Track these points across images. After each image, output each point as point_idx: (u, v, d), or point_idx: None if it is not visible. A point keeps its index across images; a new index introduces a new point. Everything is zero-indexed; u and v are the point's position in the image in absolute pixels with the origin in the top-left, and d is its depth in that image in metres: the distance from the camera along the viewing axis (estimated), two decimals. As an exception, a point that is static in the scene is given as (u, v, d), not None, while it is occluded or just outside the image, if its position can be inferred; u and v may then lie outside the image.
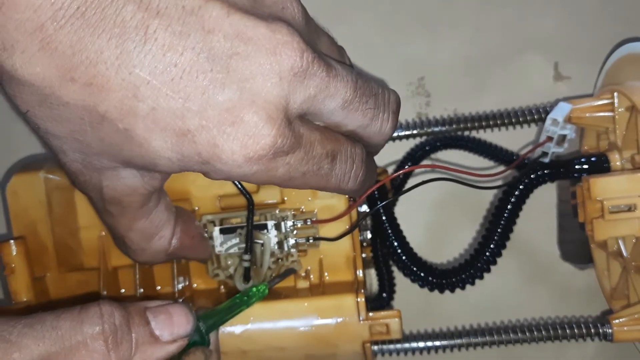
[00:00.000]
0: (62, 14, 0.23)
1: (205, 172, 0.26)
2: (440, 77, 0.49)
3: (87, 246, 0.43)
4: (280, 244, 0.41)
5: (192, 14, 0.23)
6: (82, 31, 0.23)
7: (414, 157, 0.50)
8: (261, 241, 0.41)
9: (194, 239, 0.38)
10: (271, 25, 0.24)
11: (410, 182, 0.49)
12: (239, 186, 0.40)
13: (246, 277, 0.40)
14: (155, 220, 0.33)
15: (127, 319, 0.27)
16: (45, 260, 0.43)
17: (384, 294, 0.48)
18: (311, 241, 0.41)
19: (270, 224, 0.41)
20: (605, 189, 0.40)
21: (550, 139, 0.44)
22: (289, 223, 0.41)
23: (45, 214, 0.43)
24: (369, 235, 0.48)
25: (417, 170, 0.49)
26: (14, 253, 0.42)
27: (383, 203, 0.45)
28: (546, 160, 0.45)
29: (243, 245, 0.40)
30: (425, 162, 0.49)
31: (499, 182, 0.44)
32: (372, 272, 0.49)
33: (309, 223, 0.41)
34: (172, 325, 0.28)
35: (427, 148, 0.50)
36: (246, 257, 0.40)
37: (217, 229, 0.41)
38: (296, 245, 0.41)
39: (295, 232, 0.41)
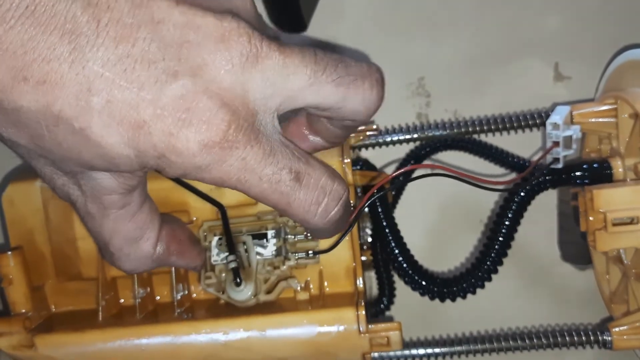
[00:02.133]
0: (11, 15, 0.23)
1: (162, 168, 0.26)
2: (440, 77, 0.48)
3: (85, 256, 0.43)
4: (279, 250, 0.41)
5: (141, 6, 0.24)
6: (33, 29, 0.23)
7: (417, 156, 0.50)
8: (243, 240, 0.40)
9: (182, 244, 0.37)
10: (218, 14, 0.25)
11: (412, 184, 0.48)
12: (209, 197, 0.40)
13: (236, 279, 0.39)
14: (139, 222, 0.32)
15: None
16: (44, 269, 0.43)
17: (384, 299, 0.48)
18: (311, 255, 0.41)
19: (270, 232, 0.41)
20: (609, 200, 0.40)
21: (556, 143, 0.43)
22: (289, 232, 0.41)
23: (42, 223, 0.43)
24: (369, 239, 0.48)
25: (419, 172, 0.49)
26: (12, 264, 0.42)
27: (375, 196, 0.44)
28: (559, 165, 0.44)
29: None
30: (426, 162, 0.49)
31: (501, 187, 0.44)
32: (372, 275, 0.49)
33: (309, 237, 0.41)
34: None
35: (427, 149, 0.49)
36: (231, 257, 0.39)
37: (215, 239, 0.41)
38: (296, 260, 0.41)
39: (296, 245, 0.41)
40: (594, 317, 0.48)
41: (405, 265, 0.45)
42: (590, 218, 0.41)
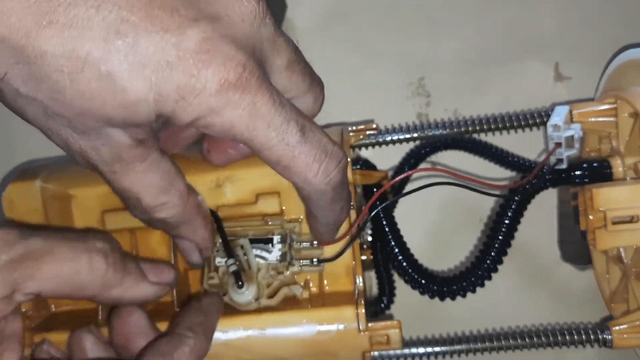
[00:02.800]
0: None
1: (177, 114, 0.27)
2: (440, 77, 0.48)
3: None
4: (284, 256, 0.40)
5: None
6: None
7: (418, 155, 0.50)
8: (240, 244, 0.40)
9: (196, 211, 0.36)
10: None
11: (410, 185, 0.48)
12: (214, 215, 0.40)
13: (238, 281, 0.39)
14: (166, 170, 0.33)
15: (123, 253, 0.32)
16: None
17: (384, 299, 0.48)
18: (315, 263, 0.40)
19: (276, 238, 0.40)
20: (608, 199, 0.40)
21: (558, 144, 0.43)
22: (295, 239, 0.41)
23: (43, 222, 0.43)
24: (369, 238, 0.48)
25: (419, 173, 0.49)
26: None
27: (382, 205, 0.44)
28: (563, 165, 0.44)
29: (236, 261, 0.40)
30: (426, 164, 0.49)
31: (499, 191, 0.44)
32: (372, 274, 0.49)
33: (315, 245, 0.41)
34: (159, 271, 0.34)
35: (427, 149, 0.49)
36: (230, 261, 0.39)
37: (217, 243, 0.40)
38: (300, 267, 0.40)
39: (301, 252, 0.41)
40: (594, 317, 0.48)
41: (404, 263, 0.45)
42: (590, 217, 0.41)
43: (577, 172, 0.44)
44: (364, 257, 0.46)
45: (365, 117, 0.51)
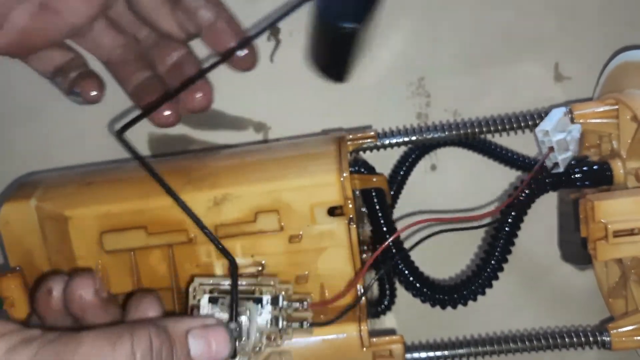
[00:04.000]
0: None
1: None
2: (440, 77, 0.47)
3: (85, 275, 0.43)
4: (275, 319, 0.37)
5: None
6: None
7: (413, 157, 0.49)
8: (247, 310, 0.36)
9: None
10: None
11: (406, 189, 0.48)
12: (220, 246, 0.38)
13: (233, 350, 0.34)
14: None
15: (169, 344, 0.30)
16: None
17: (385, 300, 0.49)
18: (306, 326, 0.38)
19: (266, 298, 0.37)
20: (609, 211, 0.39)
21: (551, 149, 0.43)
22: (285, 302, 0.37)
23: (40, 242, 0.42)
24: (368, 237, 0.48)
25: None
26: (12, 286, 0.41)
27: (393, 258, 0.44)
28: (560, 169, 0.43)
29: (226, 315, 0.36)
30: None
31: (489, 219, 0.43)
32: (373, 275, 0.49)
33: (305, 306, 0.38)
34: (211, 351, 0.31)
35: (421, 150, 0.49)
36: (232, 325, 0.35)
37: (206, 297, 0.37)
38: (289, 331, 0.37)
39: (290, 312, 0.38)
40: (594, 318, 0.49)
41: (406, 272, 0.45)
42: (591, 227, 0.40)
43: (577, 176, 0.44)
44: (364, 255, 0.46)
45: (365, 117, 0.50)
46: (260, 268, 0.42)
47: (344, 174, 0.41)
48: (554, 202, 0.50)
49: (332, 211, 0.41)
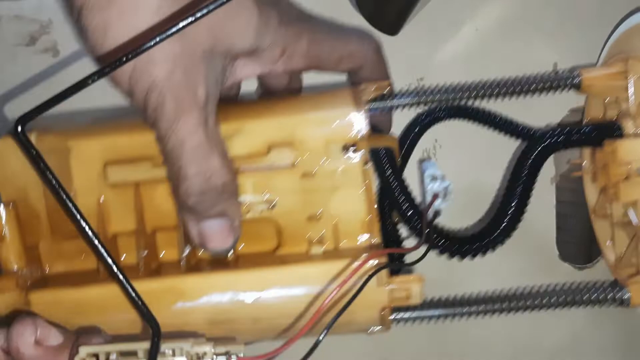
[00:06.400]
0: None
1: None
2: (440, 77, 0.48)
3: (83, 212, 0.41)
4: None
5: None
6: None
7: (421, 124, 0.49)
8: None
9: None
10: None
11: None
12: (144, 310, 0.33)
13: None
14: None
15: None
16: (38, 227, 0.40)
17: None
18: None
19: None
20: (632, 151, 0.40)
21: (436, 195, 0.43)
22: None
23: (36, 178, 0.40)
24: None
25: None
26: (4, 219, 0.39)
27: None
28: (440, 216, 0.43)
29: None
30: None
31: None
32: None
33: None
34: None
35: (428, 119, 0.49)
36: None
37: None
38: None
39: None
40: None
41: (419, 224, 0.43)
42: (612, 171, 0.40)
43: (587, 129, 0.44)
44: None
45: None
46: (272, 206, 0.40)
47: (362, 108, 0.40)
48: (554, 201, 0.51)
49: (348, 148, 0.40)
